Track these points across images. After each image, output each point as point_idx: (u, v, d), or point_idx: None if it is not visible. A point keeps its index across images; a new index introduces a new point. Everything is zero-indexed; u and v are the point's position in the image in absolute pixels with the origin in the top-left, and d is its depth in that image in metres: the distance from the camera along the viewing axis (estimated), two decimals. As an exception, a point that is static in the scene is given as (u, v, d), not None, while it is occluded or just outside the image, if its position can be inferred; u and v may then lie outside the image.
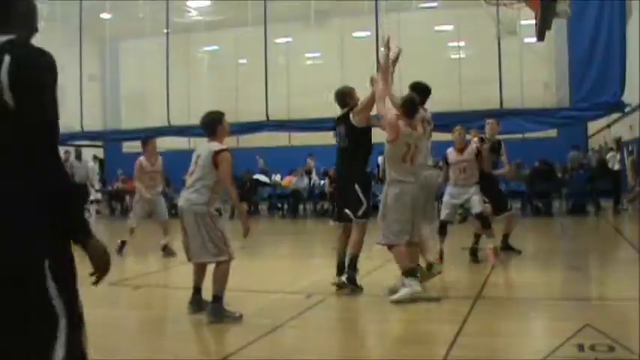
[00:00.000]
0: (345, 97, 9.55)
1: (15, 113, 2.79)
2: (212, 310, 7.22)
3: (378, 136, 8.88)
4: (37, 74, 2.87)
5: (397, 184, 8.24)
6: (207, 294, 7.51)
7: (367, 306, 8.24)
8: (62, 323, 2.82)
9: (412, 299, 7.97)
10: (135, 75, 31.90)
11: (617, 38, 20.89)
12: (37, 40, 3.11)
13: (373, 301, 8.20)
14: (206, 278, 7.63)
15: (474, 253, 11.19)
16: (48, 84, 2.89)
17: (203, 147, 7.63)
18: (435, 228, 10.56)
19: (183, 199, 7.51)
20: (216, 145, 7.46)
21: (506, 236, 12.14)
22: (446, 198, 11.33)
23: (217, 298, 7.28)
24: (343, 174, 9.31)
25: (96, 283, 3.01)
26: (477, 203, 11.05)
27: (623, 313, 7.51)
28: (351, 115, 9.03)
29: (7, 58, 2.80)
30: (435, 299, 8.17)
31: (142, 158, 13.57)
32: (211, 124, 7.68)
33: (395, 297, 7.98)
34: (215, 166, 7.32)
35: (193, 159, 7.62)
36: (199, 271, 7.70)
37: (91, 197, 26.35)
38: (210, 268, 7.45)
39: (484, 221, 11.05)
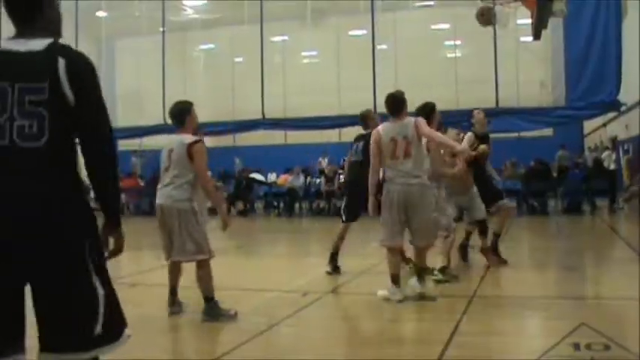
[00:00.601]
0: (366, 119, 10.51)
1: (75, 109, 3.13)
2: (207, 310, 7.15)
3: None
4: (91, 74, 3.25)
5: (387, 184, 8.09)
6: (186, 293, 7.49)
7: (363, 305, 8.22)
8: (101, 299, 3.18)
9: (406, 298, 7.98)
10: (131, 73, 31.90)
11: (613, 37, 20.95)
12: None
13: (369, 299, 8.18)
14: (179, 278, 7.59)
15: (464, 250, 10.93)
16: (98, 82, 3.28)
17: (173, 140, 7.38)
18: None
19: (164, 197, 7.23)
20: (188, 137, 7.24)
21: (497, 236, 11.07)
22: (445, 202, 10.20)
23: (209, 298, 7.20)
24: (356, 184, 9.70)
25: (109, 258, 3.44)
26: (479, 208, 10.44)
27: (618, 312, 7.52)
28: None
29: (61, 60, 3.13)
30: (430, 298, 8.17)
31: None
32: (180, 114, 7.43)
33: (380, 293, 8.07)
34: (190, 159, 7.12)
35: (165, 154, 7.35)
36: (175, 270, 7.52)
37: (92, 195, 26.36)
38: (187, 268, 7.39)
39: (483, 227, 10.57)
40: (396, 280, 8.00)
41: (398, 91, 8.58)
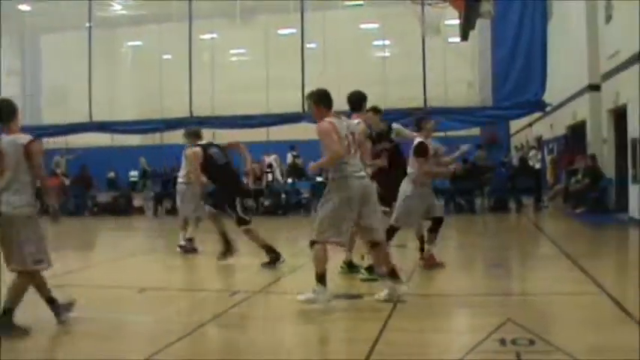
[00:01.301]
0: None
1: None
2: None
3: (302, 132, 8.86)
4: None
5: (344, 179, 7.58)
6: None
7: (291, 304, 8.18)
8: None
9: (335, 296, 7.97)
10: (56, 69, 31.21)
11: (538, 39, 21.39)
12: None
13: (297, 299, 8.14)
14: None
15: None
16: None
17: (4, 142, 6.70)
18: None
19: (3, 204, 6.58)
20: (22, 137, 6.68)
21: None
22: (415, 202, 9.97)
23: (9, 309, 6.57)
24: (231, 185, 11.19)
25: None
26: (439, 205, 10.51)
27: (543, 308, 7.67)
28: None
29: None
30: (357, 297, 8.18)
31: (195, 149, 12.73)
32: (7, 110, 6.80)
33: (302, 297, 7.60)
34: (27, 159, 6.59)
35: None
36: (39, 280, 6.86)
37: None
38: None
39: (438, 227, 10.33)
40: (323, 279, 7.62)
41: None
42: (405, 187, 9.95)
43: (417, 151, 9.88)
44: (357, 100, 9.22)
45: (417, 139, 10.00)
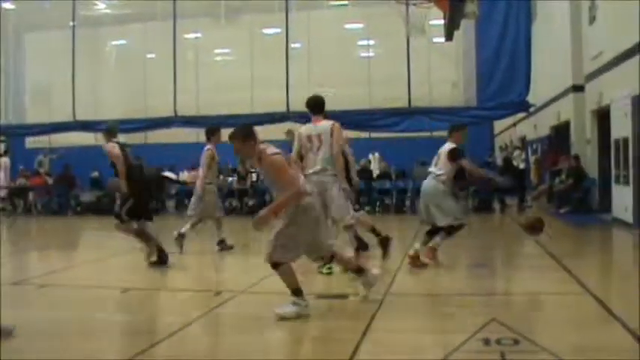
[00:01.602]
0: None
1: None
2: None
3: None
4: None
5: (309, 198, 7.35)
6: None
7: (276, 304, 8.17)
8: None
9: (320, 296, 7.96)
10: (40, 68, 31.01)
11: (522, 40, 21.44)
12: None
13: (281, 298, 8.12)
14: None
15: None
16: None
17: None
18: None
19: None
20: None
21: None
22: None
23: None
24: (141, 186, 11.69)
25: None
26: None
27: (528, 307, 7.70)
28: None
29: None
30: (342, 297, 8.17)
31: (211, 147, 12.70)
32: None
33: (281, 311, 7.20)
34: None
35: None
36: None
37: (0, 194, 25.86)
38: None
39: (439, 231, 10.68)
40: (299, 291, 7.34)
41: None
42: (437, 191, 10.47)
43: (454, 155, 10.51)
44: (315, 105, 9.81)
45: (449, 145, 10.72)
